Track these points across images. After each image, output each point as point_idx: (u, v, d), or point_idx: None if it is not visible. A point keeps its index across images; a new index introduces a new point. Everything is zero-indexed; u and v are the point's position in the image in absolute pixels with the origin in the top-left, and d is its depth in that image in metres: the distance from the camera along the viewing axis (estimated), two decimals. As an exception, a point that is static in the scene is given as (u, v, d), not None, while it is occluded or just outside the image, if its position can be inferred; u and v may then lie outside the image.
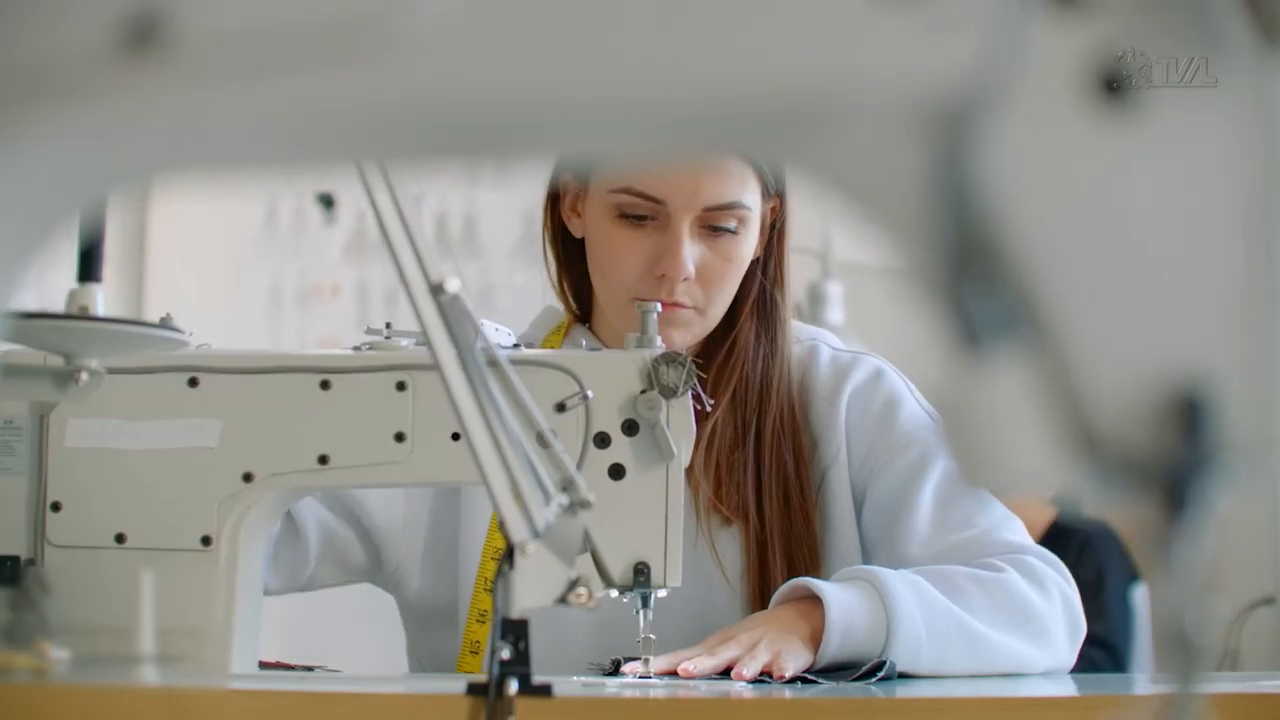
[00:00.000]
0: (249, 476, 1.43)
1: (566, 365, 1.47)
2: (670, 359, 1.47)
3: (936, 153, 0.54)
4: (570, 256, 1.91)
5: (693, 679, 1.48)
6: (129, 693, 1.15)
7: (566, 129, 0.52)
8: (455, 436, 1.39)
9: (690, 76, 0.51)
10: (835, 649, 1.56)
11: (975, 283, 0.54)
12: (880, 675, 1.52)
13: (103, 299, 1.25)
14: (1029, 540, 1.80)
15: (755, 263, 1.85)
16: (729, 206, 1.76)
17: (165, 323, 1.49)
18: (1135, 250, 0.57)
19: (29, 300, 1.05)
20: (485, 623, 1.83)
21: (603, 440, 1.47)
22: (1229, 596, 4.50)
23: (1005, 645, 1.64)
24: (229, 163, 0.54)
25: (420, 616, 1.88)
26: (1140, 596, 3.99)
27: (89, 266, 1.26)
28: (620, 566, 1.45)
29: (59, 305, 1.23)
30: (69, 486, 1.43)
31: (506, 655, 1.15)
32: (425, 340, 1.18)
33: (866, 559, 1.82)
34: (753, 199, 1.78)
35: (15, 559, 1.42)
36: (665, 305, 1.75)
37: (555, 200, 1.90)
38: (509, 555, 1.18)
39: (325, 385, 1.44)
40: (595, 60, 0.51)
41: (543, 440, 1.41)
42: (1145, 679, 3.45)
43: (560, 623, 1.72)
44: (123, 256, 4.65)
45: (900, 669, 1.58)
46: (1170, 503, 0.57)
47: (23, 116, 0.55)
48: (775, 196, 1.84)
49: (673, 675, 1.50)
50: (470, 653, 1.83)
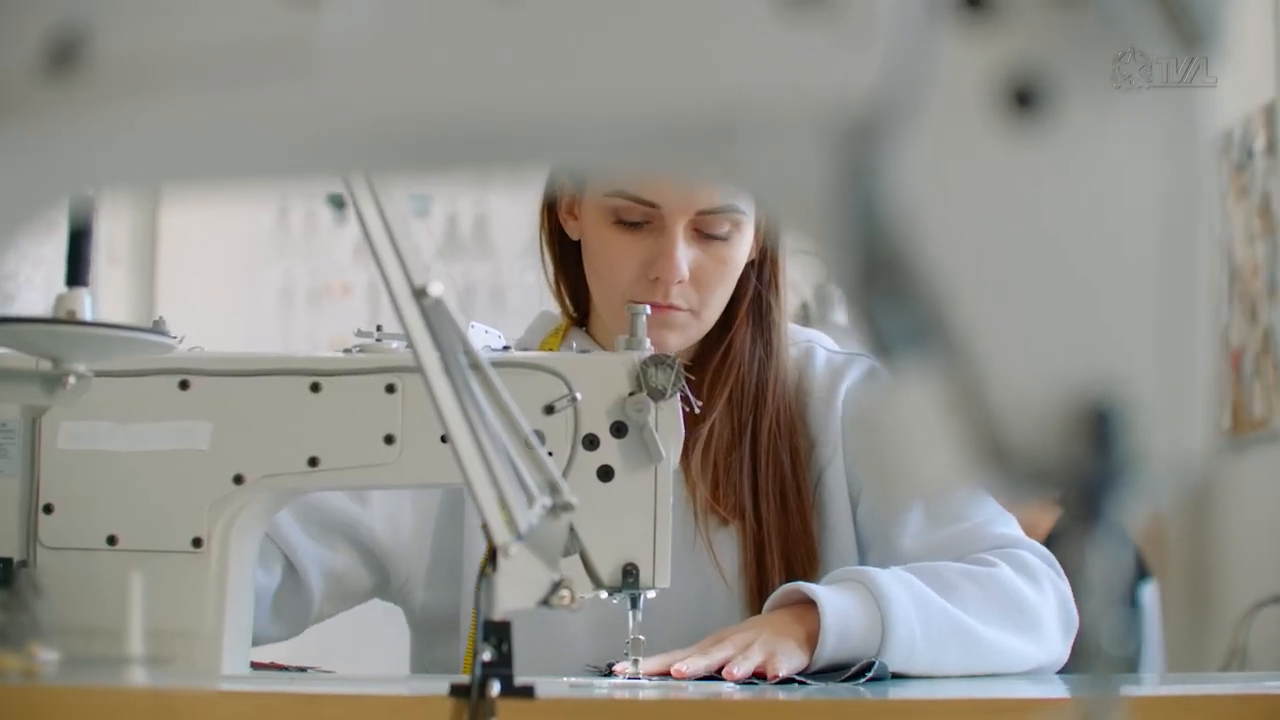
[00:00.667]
0: (240, 479, 1.44)
1: (555, 367, 1.47)
2: (659, 361, 1.47)
3: (845, 166, 0.54)
4: (567, 260, 1.92)
5: (684, 680, 1.48)
6: (116, 694, 1.16)
7: (480, 143, 0.53)
8: (444, 439, 1.40)
9: (601, 92, 0.52)
10: (831, 652, 1.56)
11: (884, 295, 0.55)
12: (870, 676, 1.52)
13: (90, 303, 1.25)
14: (1022, 534, 1.81)
15: (751, 265, 1.86)
16: (723, 210, 1.76)
17: (158, 326, 1.50)
18: (1046, 262, 0.57)
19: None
20: None
21: (591, 442, 1.47)
22: (1237, 595, 4.49)
23: (999, 641, 1.65)
24: (153, 178, 0.54)
25: (425, 626, 1.89)
26: (1148, 595, 3.99)
27: (76, 271, 1.27)
28: (609, 568, 1.46)
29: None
30: (61, 488, 1.44)
31: (488, 657, 1.15)
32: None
33: (861, 555, 1.82)
34: (746, 203, 1.78)
35: (8, 561, 1.43)
36: (660, 308, 1.76)
37: (553, 204, 1.91)
38: (492, 557, 1.18)
39: (315, 388, 1.45)
40: (507, 75, 0.51)
41: (528, 443, 1.42)
42: (1153, 679, 3.45)
43: (560, 624, 1.73)
44: (134, 257, 4.67)
45: (895, 670, 1.58)
46: (1083, 513, 0.57)
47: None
48: None
49: (665, 676, 1.50)
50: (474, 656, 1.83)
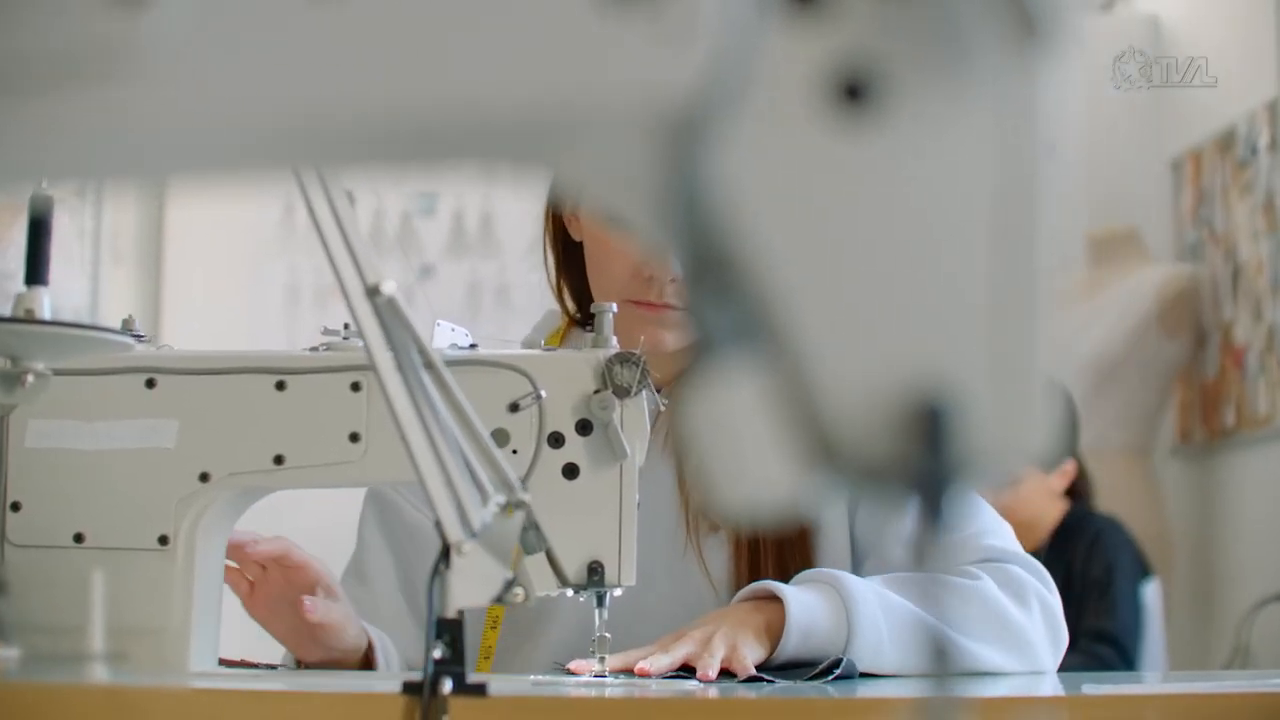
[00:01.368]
0: (205, 476, 1.44)
1: (520, 365, 1.48)
2: (624, 359, 1.48)
3: (669, 163, 0.54)
4: (570, 260, 1.93)
5: (648, 677, 1.49)
6: (70, 691, 1.17)
7: (311, 144, 0.53)
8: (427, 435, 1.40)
9: (424, 92, 0.52)
10: (795, 647, 1.57)
11: (711, 291, 0.55)
12: (836, 674, 1.52)
13: (48, 302, 1.26)
14: (1015, 547, 1.79)
15: None
16: None
17: (126, 325, 1.51)
18: (875, 258, 0.56)
19: None
20: (496, 628, 1.84)
21: (556, 440, 1.48)
22: (1242, 593, 4.48)
23: (977, 653, 1.64)
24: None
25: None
26: (1151, 593, 3.98)
27: (35, 270, 1.28)
28: (575, 566, 1.46)
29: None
30: (29, 487, 1.44)
31: (440, 655, 1.16)
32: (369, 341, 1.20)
33: (857, 564, 1.82)
34: None
35: (-25, 558, 1.44)
36: (655, 307, 1.76)
37: (557, 205, 1.92)
38: (445, 555, 1.19)
39: (281, 386, 1.45)
40: (332, 75, 0.52)
41: (492, 440, 1.43)
42: (1156, 677, 3.44)
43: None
44: (140, 254, 4.68)
45: (862, 669, 1.58)
46: (917, 512, 0.57)
47: None
48: None
49: (628, 674, 1.51)
50: (484, 658, 1.83)
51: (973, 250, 0.57)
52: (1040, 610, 1.70)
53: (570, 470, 1.48)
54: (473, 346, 1.53)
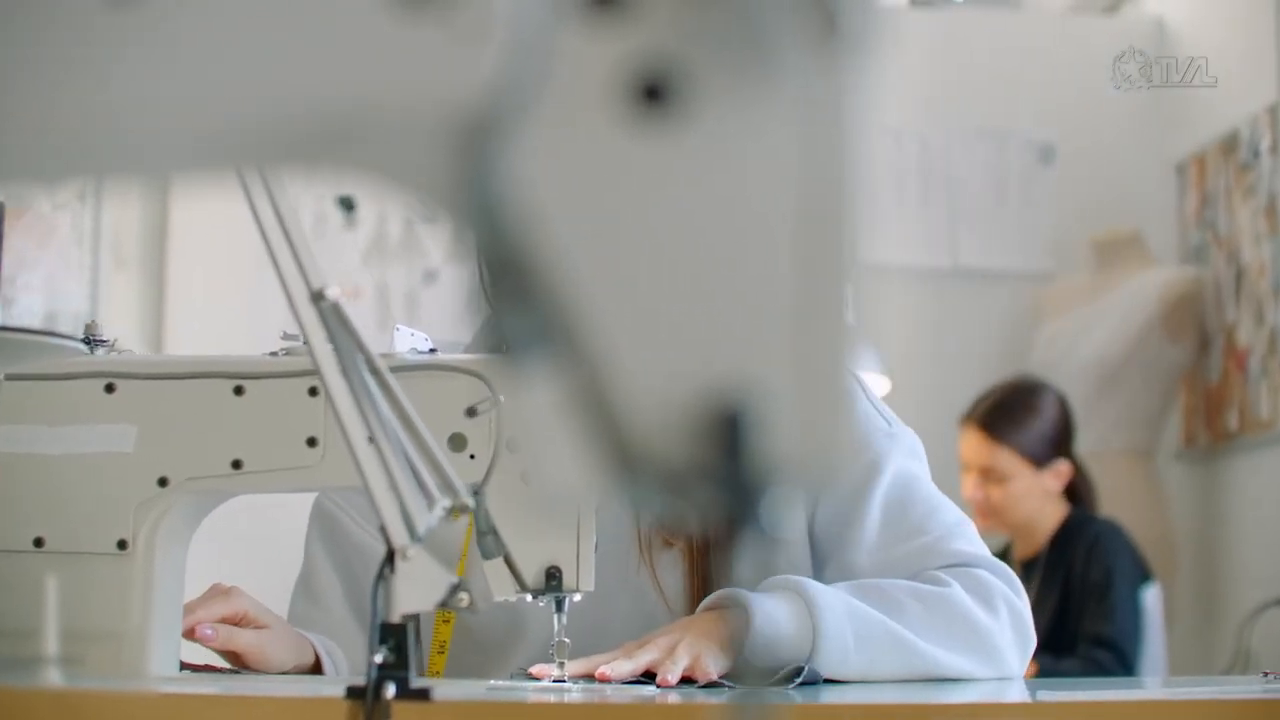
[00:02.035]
0: (164, 481, 1.44)
1: (479, 370, 1.48)
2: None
3: (465, 165, 0.53)
4: None
5: (609, 683, 1.48)
6: (11, 695, 1.17)
7: (99, 149, 0.53)
8: (370, 439, 1.40)
9: (224, 94, 0.52)
10: (759, 655, 1.56)
11: (508, 295, 0.54)
12: (799, 680, 1.51)
13: (-2, 307, 1.26)
14: (981, 549, 1.78)
15: None
16: None
17: (90, 330, 1.51)
18: (676, 262, 0.56)
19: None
20: (449, 623, 1.85)
21: (515, 445, 1.47)
22: (1245, 597, 4.46)
23: (944, 659, 1.63)
24: None
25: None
26: (1151, 598, 3.97)
27: (-14, 275, 1.28)
28: (533, 570, 1.46)
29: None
30: (-12, 491, 1.45)
31: (380, 659, 1.15)
32: (313, 347, 1.20)
33: (817, 570, 1.81)
34: None
35: (-66, 563, 1.44)
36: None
37: None
38: (389, 559, 1.19)
39: (239, 391, 1.45)
40: (129, 79, 0.51)
41: (445, 444, 1.43)
42: (1156, 682, 3.42)
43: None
44: (142, 259, 4.69)
45: (827, 676, 1.58)
46: (721, 518, 0.56)
47: None
48: None
49: (590, 679, 1.50)
50: (438, 652, 1.84)
51: (776, 253, 0.56)
52: (1008, 615, 1.69)
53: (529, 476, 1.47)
54: (432, 351, 1.53)
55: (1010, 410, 4.05)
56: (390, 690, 1.14)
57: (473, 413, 1.46)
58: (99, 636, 1.42)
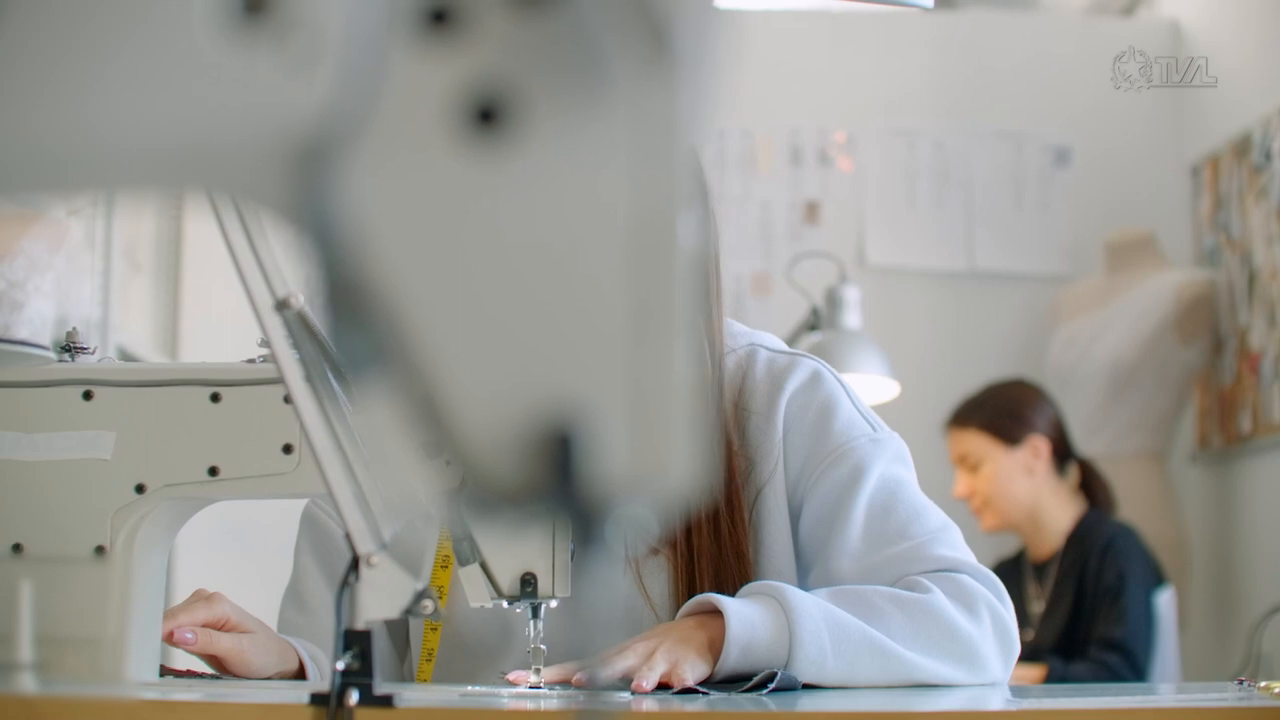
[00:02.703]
0: (141, 488, 1.45)
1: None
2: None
3: (300, 189, 0.54)
4: None
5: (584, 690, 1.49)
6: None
7: None
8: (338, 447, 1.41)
9: (63, 120, 0.52)
10: (735, 661, 1.56)
11: (345, 316, 0.55)
12: (773, 686, 1.51)
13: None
14: (964, 554, 1.77)
15: None
16: None
17: (70, 338, 1.52)
18: (508, 283, 0.56)
19: None
20: (437, 630, 1.85)
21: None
22: (1258, 601, 4.45)
23: (925, 666, 1.62)
24: None
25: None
26: (1164, 601, 3.96)
27: (-43, 283, 1.29)
28: (508, 577, 1.46)
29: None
30: (-33, 497, 1.46)
31: (343, 665, 1.16)
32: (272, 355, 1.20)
33: (802, 575, 1.81)
34: None
35: (-87, 569, 1.45)
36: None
37: None
38: (354, 566, 1.20)
39: (215, 398, 1.46)
40: None
41: (417, 451, 1.43)
42: (1168, 688, 3.41)
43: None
44: (157, 264, 4.70)
45: (805, 681, 1.58)
46: (568, 535, 0.57)
47: None
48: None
49: (566, 685, 1.51)
50: (426, 660, 1.86)
51: (608, 274, 0.57)
52: (991, 621, 1.69)
53: (504, 482, 1.48)
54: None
55: (973, 399, 4.08)
56: (354, 697, 1.15)
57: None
58: (77, 642, 1.43)
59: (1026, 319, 5.25)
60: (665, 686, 1.50)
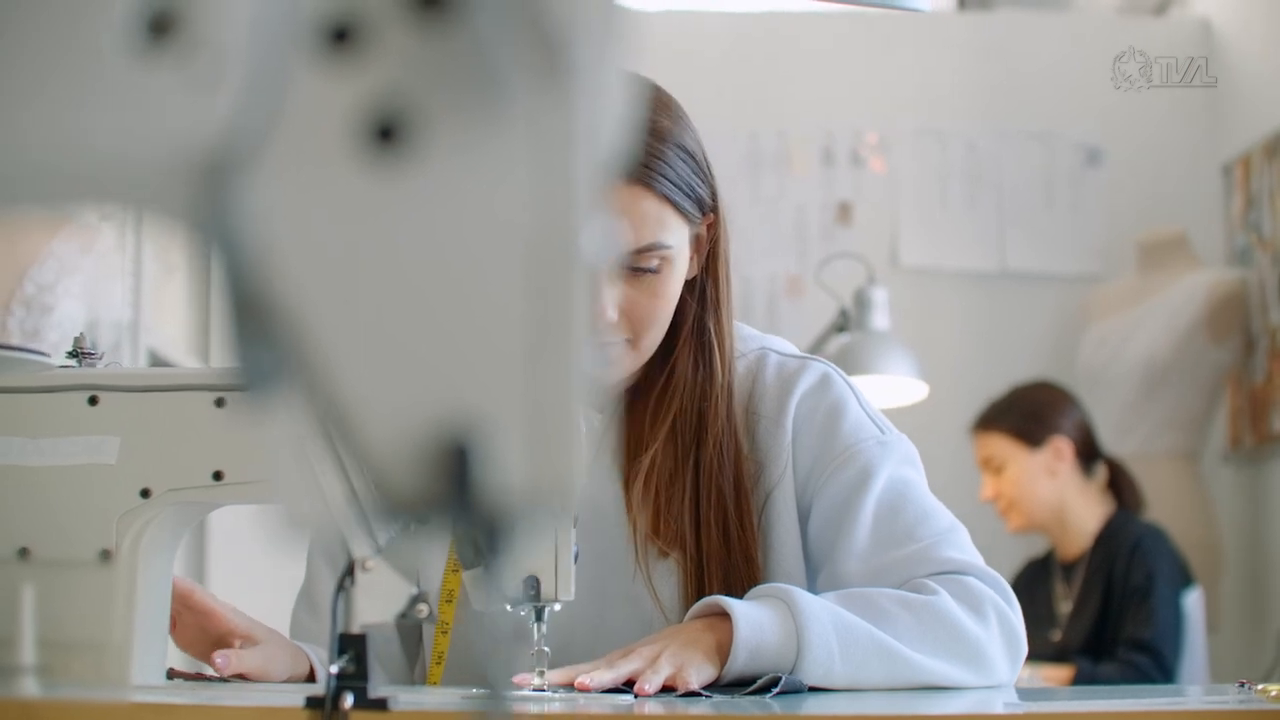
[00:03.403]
0: (146, 492, 1.46)
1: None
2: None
3: (203, 205, 0.54)
4: None
5: (588, 692, 1.49)
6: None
7: None
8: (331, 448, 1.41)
9: None
10: (743, 664, 1.56)
11: (247, 332, 0.55)
12: (777, 690, 1.51)
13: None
14: (972, 556, 1.77)
15: (692, 284, 1.84)
16: (647, 249, 1.74)
17: (78, 344, 1.54)
18: (408, 298, 0.56)
19: None
20: (447, 634, 1.86)
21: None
22: (1274, 608, 4.42)
23: (932, 668, 1.62)
24: None
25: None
26: (1193, 602, 3.94)
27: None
28: (512, 581, 1.47)
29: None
30: (-26, 502, 1.47)
31: (338, 669, 1.16)
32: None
33: (810, 576, 1.80)
34: (674, 236, 1.75)
35: (-80, 573, 1.46)
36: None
37: None
38: (349, 570, 1.20)
39: (220, 403, 1.47)
40: None
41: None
42: (1197, 691, 3.39)
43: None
44: (192, 266, 4.72)
45: (812, 685, 1.57)
46: (469, 548, 0.57)
47: None
48: (709, 214, 1.82)
49: (570, 688, 1.51)
50: (436, 662, 1.86)
51: (507, 288, 0.57)
52: (997, 623, 1.68)
53: (507, 485, 1.48)
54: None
55: (998, 402, 4.08)
56: (349, 700, 1.15)
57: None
58: (83, 646, 1.43)
59: (1058, 319, 5.24)
60: (670, 689, 1.50)
